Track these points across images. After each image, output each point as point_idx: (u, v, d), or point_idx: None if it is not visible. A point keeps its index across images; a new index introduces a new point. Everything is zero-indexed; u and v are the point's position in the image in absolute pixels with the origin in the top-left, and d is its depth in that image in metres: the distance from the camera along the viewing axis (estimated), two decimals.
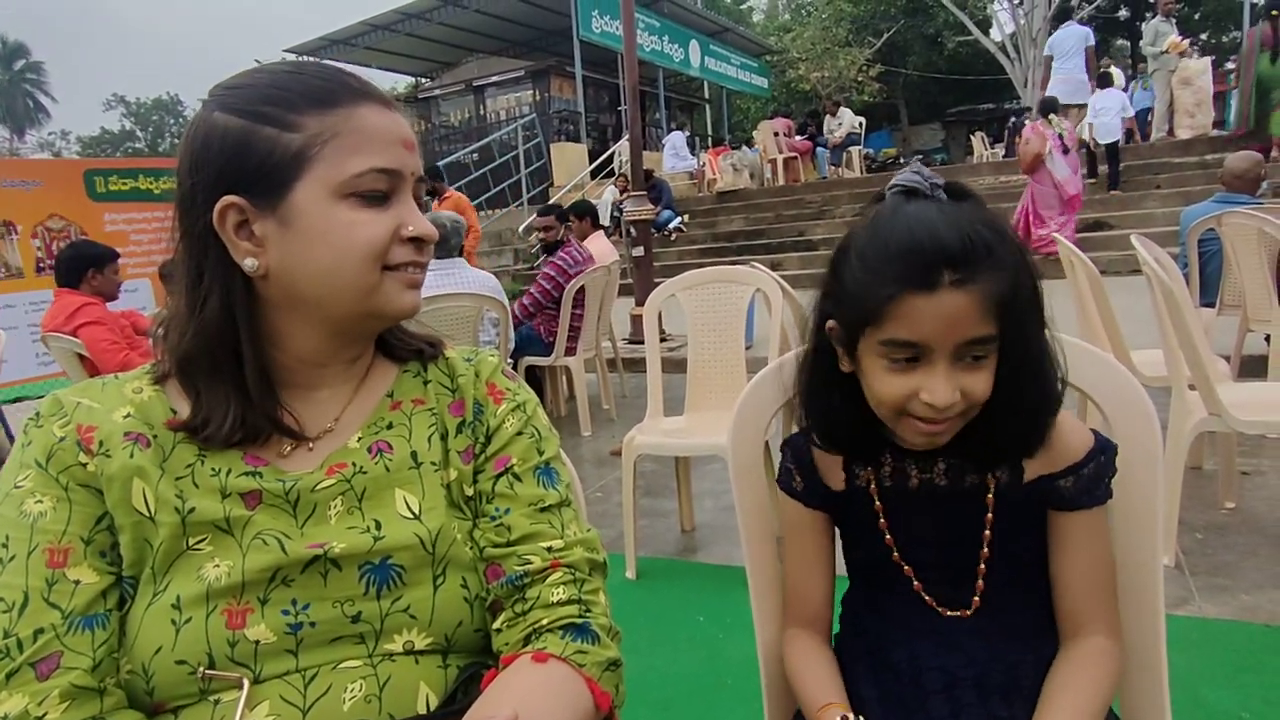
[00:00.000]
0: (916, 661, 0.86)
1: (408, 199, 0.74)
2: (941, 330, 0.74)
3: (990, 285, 0.74)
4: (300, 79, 0.71)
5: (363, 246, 0.70)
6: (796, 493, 0.94)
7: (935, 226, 0.75)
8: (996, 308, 0.75)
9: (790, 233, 10.86)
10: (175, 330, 0.73)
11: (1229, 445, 2.66)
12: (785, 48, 21.74)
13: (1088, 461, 0.83)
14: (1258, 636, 1.92)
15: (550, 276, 4.48)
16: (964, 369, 0.76)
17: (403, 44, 15.99)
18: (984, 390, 0.77)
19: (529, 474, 0.79)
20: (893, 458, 0.89)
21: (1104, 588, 0.85)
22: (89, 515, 0.68)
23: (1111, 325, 2.76)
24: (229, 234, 0.70)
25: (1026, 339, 0.79)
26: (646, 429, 2.64)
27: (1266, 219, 3.22)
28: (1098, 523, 0.85)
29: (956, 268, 0.73)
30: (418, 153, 0.75)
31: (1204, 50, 19.51)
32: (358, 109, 0.70)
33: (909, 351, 0.77)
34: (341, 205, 0.69)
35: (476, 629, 0.74)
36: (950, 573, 0.88)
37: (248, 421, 0.72)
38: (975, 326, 0.74)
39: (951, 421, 0.79)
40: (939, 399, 0.75)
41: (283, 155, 0.68)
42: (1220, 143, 9.41)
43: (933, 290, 0.74)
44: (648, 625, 2.26)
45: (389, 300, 0.73)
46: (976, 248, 0.74)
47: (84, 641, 0.64)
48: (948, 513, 0.87)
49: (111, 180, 7.64)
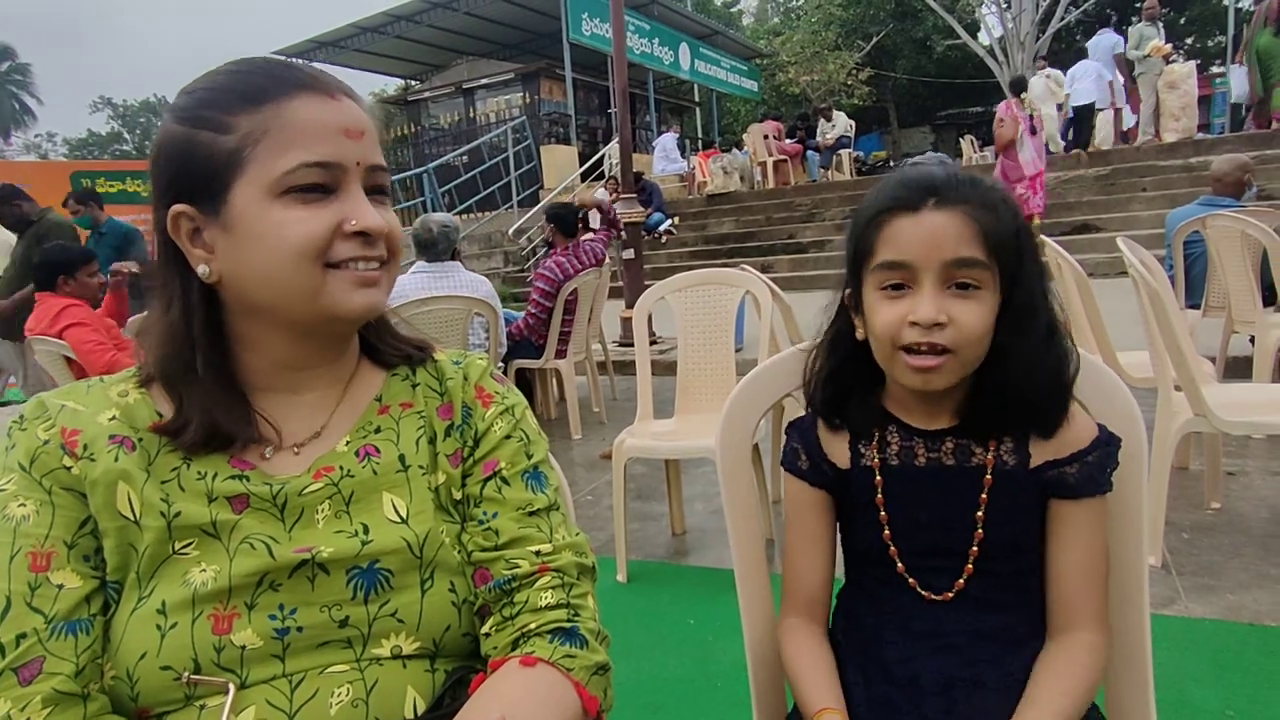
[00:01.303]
0: (909, 663, 0.86)
1: (354, 192, 0.70)
2: (926, 248, 0.78)
3: (976, 211, 0.78)
4: (235, 77, 0.70)
5: (295, 246, 0.67)
6: (801, 472, 0.94)
7: (925, 166, 0.81)
8: (984, 236, 0.78)
9: (780, 235, 10.89)
10: (151, 334, 0.74)
11: (1214, 446, 2.68)
12: (775, 51, 21.83)
13: (1093, 449, 0.84)
14: (1243, 636, 1.94)
15: (541, 289, 4.44)
16: (953, 296, 0.79)
17: (392, 46, 15.96)
18: (973, 321, 0.78)
19: (517, 478, 0.78)
20: (900, 436, 0.89)
21: (1096, 581, 0.86)
22: (73, 519, 0.67)
23: (1098, 327, 2.78)
24: (184, 241, 0.70)
25: (1029, 303, 0.81)
26: (636, 432, 2.64)
27: (1250, 222, 3.26)
28: (1097, 514, 0.85)
29: (939, 192, 0.79)
30: (369, 140, 0.71)
31: (1190, 55, 19.70)
32: (290, 102, 0.68)
33: (899, 275, 0.80)
34: (277, 205, 0.67)
35: (465, 633, 0.74)
36: (940, 555, 0.88)
37: (219, 426, 0.71)
38: (959, 246, 0.78)
39: (946, 361, 0.79)
40: (923, 314, 0.78)
41: (218, 159, 0.67)
42: (1205, 146, 9.52)
43: (916, 210, 0.79)
44: (638, 628, 2.26)
45: (336, 301, 0.70)
46: (962, 180, 0.79)
47: (67, 647, 0.63)
48: (949, 492, 0.87)
49: (99, 182, 7.62)
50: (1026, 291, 0.81)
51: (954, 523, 0.87)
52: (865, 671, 0.89)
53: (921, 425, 0.89)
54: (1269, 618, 1.99)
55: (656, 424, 2.76)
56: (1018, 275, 0.81)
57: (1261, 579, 2.18)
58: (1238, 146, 8.31)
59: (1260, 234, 3.19)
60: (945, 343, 0.78)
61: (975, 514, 0.86)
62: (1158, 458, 2.27)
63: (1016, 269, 0.81)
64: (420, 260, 3.89)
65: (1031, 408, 0.83)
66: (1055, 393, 0.84)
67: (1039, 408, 0.84)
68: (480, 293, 3.74)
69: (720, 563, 2.64)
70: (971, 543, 0.86)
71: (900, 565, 0.89)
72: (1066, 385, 0.84)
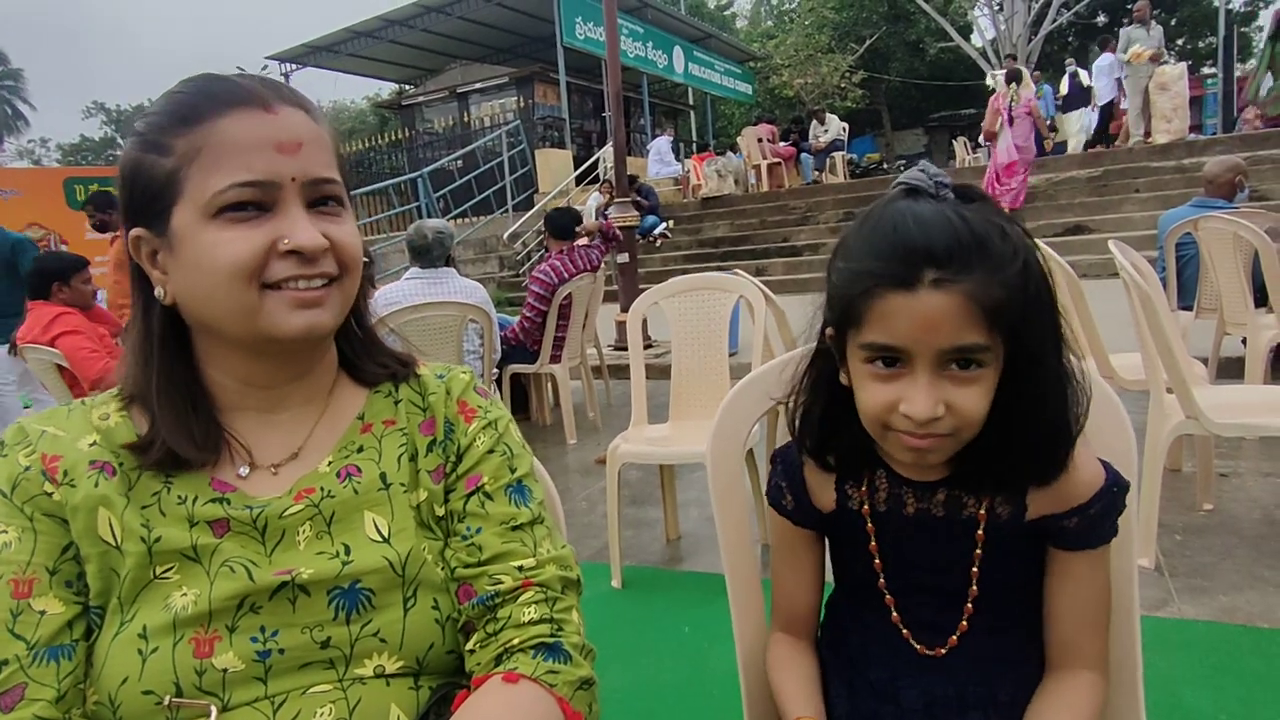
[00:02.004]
0: (895, 681, 0.85)
1: (290, 209, 0.68)
2: (921, 334, 0.68)
3: (981, 288, 0.67)
4: (173, 98, 0.69)
5: (227, 267, 0.66)
6: (787, 511, 0.90)
7: (924, 221, 0.69)
8: (989, 314, 0.68)
9: (775, 238, 10.90)
10: (127, 353, 0.74)
11: (1206, 448, 2.68)
12: (769, 54, 21.87)
13: (1096, 501, 0.78)
14: (1235, 638, 1.94)
15: (536, 294, 4.44)
16: (951, 380, 0.70)
17: (386, 51, 15.96)
18: (974, 407, 0.70)
19: (500, 492, 0.78)
20: (889, 483, 0.84)
21: (1097, 623, 0.82)
22: (54, 545, 0.67)
23: (1090, 329, 2.78)
24: (145, 263, 0.71)
25: (1035, 357, 0.72)
26: (631, 437, 2.64)
27: (1242, 223, 3.26)
28: (1098, 561, 0.81)
29: (940, 265, 0.67)
30: (308, 152, 0.69)
31: (1181, 56, 19.80)
32: (221, 120, 0.66)
33: (891, 354, 0.71)
34: (211, 226, 0.66)
35: (449, 650, 0.73)
36: (935, 607, 0.85)
37: (180, 445, 0.70)
38: (959, 333, 0.68)
39: (941, 440, 0.72)
40: (916, 410, 0.69)
41: (159, 181, 0.67)
42: (1198, 147, 9.57)
43: (912, 289, 0.68)
44: (632, 635, 2.25)
45: (274, 323, 0.68)
46: (965, 245, 0.67)
47: (49, 673, 0.63)
48: (940, 542, 0.83)
49: (92, 188, 7.57)
50: (1034, 342, 0.72)
51: (946, 572, 0.83)
52: (851, 685, 0.88)
53: (912, 475, 0.83)
54: (1262, 619, 1.99)
55: (651, 429, 2.75)
56: (1023, 330, 0.70)
57: (1254, 580, 2.19)
58: (1230, 148, 8.36)
59: (1252, 235, 3.20)
60: (942, 431, 0.71)
61: (970, 567, 0.81)
62: (1150, 460, 2.27)
63: (1022, 325, 0.70)
64: (414, 266, 3.88)
65: (1029, 460, 0.76)
66: (1056, 444, 0.76)
67: (1037, 460, 0.76)
68: (475, 299, 3.73)
69: (715, 568, 2.63)
70: (966, 599, 0.82)
71: (895, 615, 0.86)
72: (1069, 435, 0.76)
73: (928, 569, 0.84)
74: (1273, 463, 3.06)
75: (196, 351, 0.74)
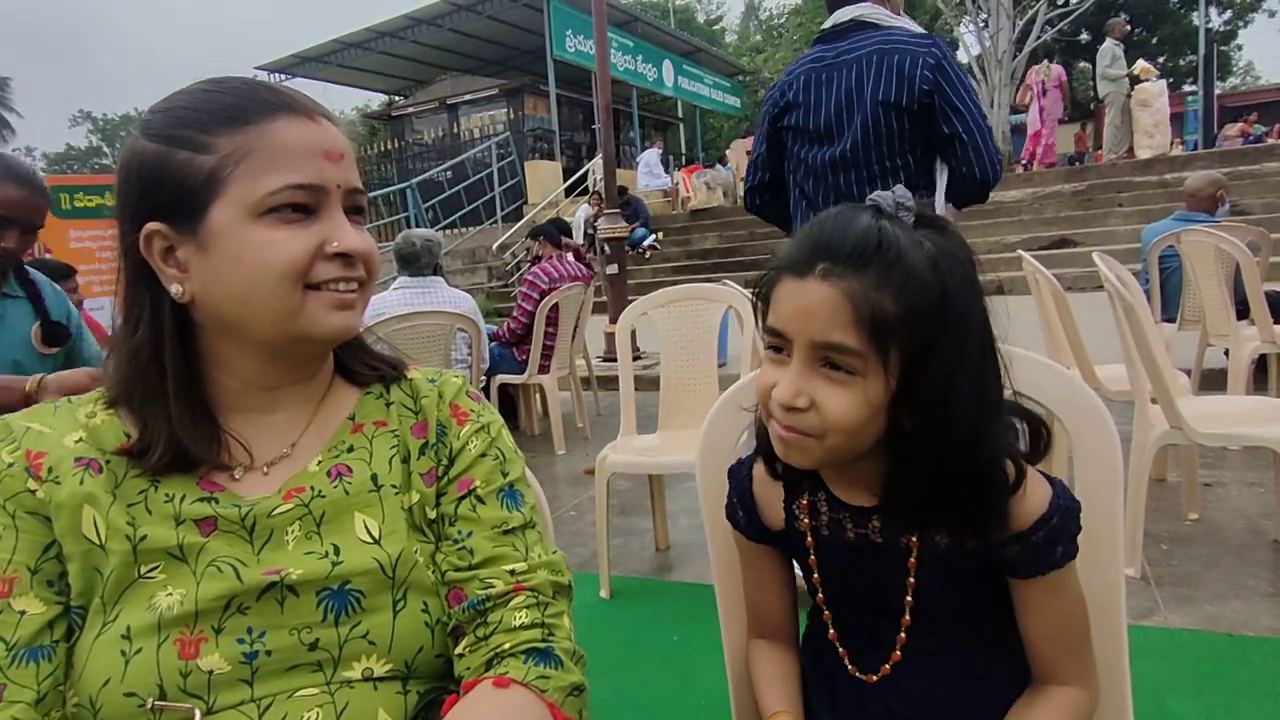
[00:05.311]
0: (861, 700, 0.85)
1: (335, 214, 0.70)
2: (797, 320, 0.70)
3: (867, 291, 0.67)
4: (213, 97, 0.70)
5: (278, 266, 0.67)
6: (740, 526, 0.91)
7: (845, 223, 0.70)
8: (867, 320, 0.66)
9: (764, 250, 10.94)
10: (116, 355, 0.72)
11: (1191, 458, 2.71)
12: (757, 68, 22.10)
13: (1038, 527, 0.74)
14: (1221, 646, 1.95)
15: (526, 295, 4.48)
16: (824, 379, 0.70)
17: (376, 62, 15.96)
18: (838, 411, 0.69)
19: (492, 496, 0.78)
20: (830, 507, 0.83)
21: (1069, 646, 0.79)
22: (36, 544, 0.66)
23: (1076, 341, 2.81)
24: (156, 260, 0.69)
25: (939, 391, 0.68)
26: (620, 447, 2.63)
27: (1223, 237, 3.31)
28: (1059, 585, 0.77)
29: (833, 259, 0.68)
30: (348, 162, 0.72)
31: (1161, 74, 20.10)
32: (272, 124, 0.68)
33: (779, 340, 0.72)
34: (258, 225, 0.67)
35: (438, 654, 0.73)
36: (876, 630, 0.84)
37: (183, 448, 0.70)
38: (832, 328, 0.68)
39: (804, 438, 0.72)
40: (779, 393, 0.71)
41: (197, 179, 0.67)
42: (1180, 162, 9.72)
43: (802, 276, 0.70)
44: (621, 645, 2.24)
45: (315, 322, 0.70)
46: (867, 249, 0.67)
47: (28, 674, 0.62)
48: (882, 570, 0.81)
49: (77, 197, 7.50)
50: (937, 374, 0.68)
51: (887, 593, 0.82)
52: (833, 695, 0.88)
53: (845, 499, 0.82)
54: (1246, 628, 2.01)
55: (640, 439, 2.75)
56: (923, 356, 0.68)
57: (1239, 589, 2.20)
58: (1211, 163, 8.50)
59: (1233, 249, 3.24)
60: (805, 429, 0.71)
61: (904, 596, 0.80)
62: (1135, 470, 2.29)
63: (927, 350, 0.68)
64: (402, 275, 3.87)
65: (952, 508, 0.73)
66: (982, 496, 0.72)
67: (961, 509, 0.73)
68: (462, 309, 3.73)
69: (704, 578, 2.62)
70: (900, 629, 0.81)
71: (832, 631, 0.86)
72: (999, 489, 0.72)
73: (869, 593, 0.83)
74: (1256, 472, 3.09)
75: (201, 351, 0.73)
